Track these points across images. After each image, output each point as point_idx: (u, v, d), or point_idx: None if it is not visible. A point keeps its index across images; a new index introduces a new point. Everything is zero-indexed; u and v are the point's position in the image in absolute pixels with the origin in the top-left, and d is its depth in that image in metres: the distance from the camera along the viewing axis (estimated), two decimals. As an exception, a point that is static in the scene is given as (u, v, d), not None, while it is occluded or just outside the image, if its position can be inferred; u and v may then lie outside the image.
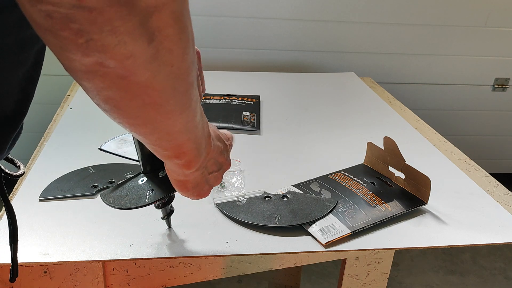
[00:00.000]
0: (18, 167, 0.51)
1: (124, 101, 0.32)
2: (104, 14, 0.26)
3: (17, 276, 0.52)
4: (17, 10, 0.36)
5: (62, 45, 0.27)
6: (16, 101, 0.42)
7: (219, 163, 0.51)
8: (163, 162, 0.53)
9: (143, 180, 0.53)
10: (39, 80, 0.45)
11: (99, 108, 0.34)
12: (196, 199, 0.52)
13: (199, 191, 0.50)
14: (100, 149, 0.59)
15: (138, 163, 0.55)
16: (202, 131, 0.43)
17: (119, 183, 0.55)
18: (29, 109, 0.45)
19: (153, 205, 0.58)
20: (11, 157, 0.50)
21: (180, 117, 0.36)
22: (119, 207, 0.51)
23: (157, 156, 0.44)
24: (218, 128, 0.53)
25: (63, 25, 0.26)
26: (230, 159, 0.54)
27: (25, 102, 0.43)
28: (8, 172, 0.48)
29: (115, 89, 0.30)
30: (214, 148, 0.48)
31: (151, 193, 0.51)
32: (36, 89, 0.45)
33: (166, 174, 0.52)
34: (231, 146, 0.55)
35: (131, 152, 0.56)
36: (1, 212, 0.64)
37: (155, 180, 0.52)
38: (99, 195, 0.56)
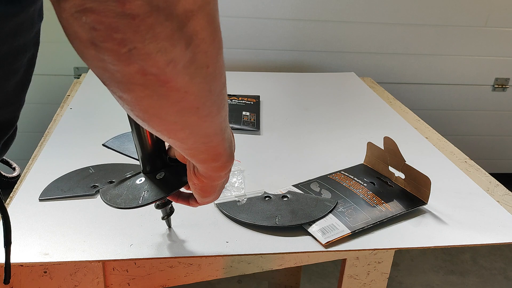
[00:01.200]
0: (14, 169, 0.51)
1: (163, 107, 0.32)
2: (146, 21, 0.26)
3: (9, 278, 0.52)
4: (10, 19, 0.36)
5: (104, 57, 0.28)
6: (9, 109, 0.42)
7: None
8: (163, 163, 0.53)
9: (141, 180, 0.53)
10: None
11: (137, 120, 0.34)
12: (209, 202, 0.52)
13: (218, 194, 0.51)
14: (103, 145, 0.59)
15: (139, 162, 0.55)
16: (230, 129, 0.44)
17: (119, 180, 0.55)
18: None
19: (153, 205, 0.58)
20: (7, 159, 0.50)
21: (216, 118, 0.37)
22: (114, 205, 0.51)
23: (193, 162, 0.44)
24: None
25: (107, 36, 0.26)
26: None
27: (16, 108, 0.43)
28: (3, 173, 0.48)
29: (155, 97, 0.31)
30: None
31: (145, 195, 0.51)
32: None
33: (164, 176, 0.52)
34: None
35: (134, 150, 0.56)
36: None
37: (153, 182, 0.52)
38: (99, 191, 0.56)
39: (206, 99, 0.34)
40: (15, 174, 0.50)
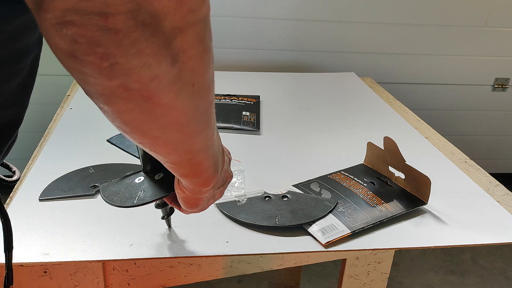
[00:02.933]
0: (14, 173, 0.51)
1: (146, 122, 0.31)
2: (130, 36, 0.25)
3: (12, 284, 0.52)
4: (12, 21, 0.35)
5: (85, 70, 0.27)
6: (12, 111, 0.41)
7: (225, 177, 0.51)
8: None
9: (140, 179, 0.53)
10: (39, 80, 0.45)
11: (119, 130, 0.34)
12: (196, 212, 0.52)
13: (204, 206, 0.51)
14: (108, 140, 0.60)
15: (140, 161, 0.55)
16: (218, 147, 0.43)
17: (121, 177, 0.55)
18: (29, 109, 0.45)
19: (153, 204, 0.58)
20: (7, 162, 0.50)
21: (200, 136, 0.36)
22: (110, 202, 0.52)
23: (175, 175, 0.43)
24: (218, 128, 0.53)
25: (88, 50, 0.26)
26: (232, 172, 0.54)
27: (20, 111, 0.43)
28: (2, 177, 0.48)
29: (138, 111, 0.30)
30: (226, 163, 0.48)
31: (141, 195, 0.51)
32: (36, 89, 0.45)
33: (162, 177, 0.52)
34: (230, 159, 0.54)
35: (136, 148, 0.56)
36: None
37: (151, 182, 0.52)
38: (100, 186, 0.56)
39: (191, 116, 0.33)
40: (14, 178, 0.50)
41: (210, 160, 0.41)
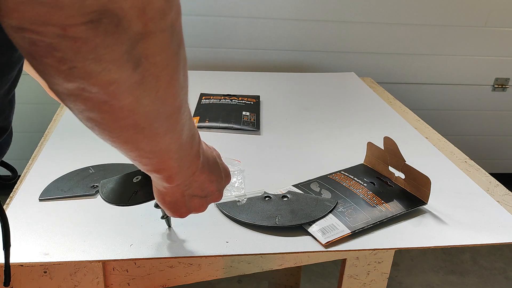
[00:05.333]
0: (12, 171, 0.51)
1: (106, 122, 0.32)
2: (89, 44, 0.25)
3: (9, 280, 0.52)
4: None
5: (44, 70, 0.27)
6: (3, 115, 0.42)
7: (206, 189, 0.49)
8: None
9: (137, 178, 0.53)
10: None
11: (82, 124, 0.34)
12: (172, 216, 0.51)
13: (176, 208, 0.49)
14: None
15: None
16: (189, 150, 0.42)
17: (121, 175, 0.55)
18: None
19: (153, 204, 0.58)
20: (5, 161, 0.50)
21: (163, 139, 0.36)
22: (106, 200, 0.52)
23: (138, 167, 0.43)
24: (218, 128, 0.52)
25: (46, 53, 0.26)
26: (221, 193, 0.53)
27: (11, 112, 0.43)
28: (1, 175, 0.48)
29: (97, 111, 0.30)
30: (203, 170, 0.47)
31: (136, 195, 0.51)
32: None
33: None
34: (227, 183, 0.53)
35: None
36: None
37: (146, 182, 0.53)
38: (100, 183, 0.57)
39: (153, 120, 0.33)
40: (13, 175, 0.50)
41: (172, 161, 0.41)
